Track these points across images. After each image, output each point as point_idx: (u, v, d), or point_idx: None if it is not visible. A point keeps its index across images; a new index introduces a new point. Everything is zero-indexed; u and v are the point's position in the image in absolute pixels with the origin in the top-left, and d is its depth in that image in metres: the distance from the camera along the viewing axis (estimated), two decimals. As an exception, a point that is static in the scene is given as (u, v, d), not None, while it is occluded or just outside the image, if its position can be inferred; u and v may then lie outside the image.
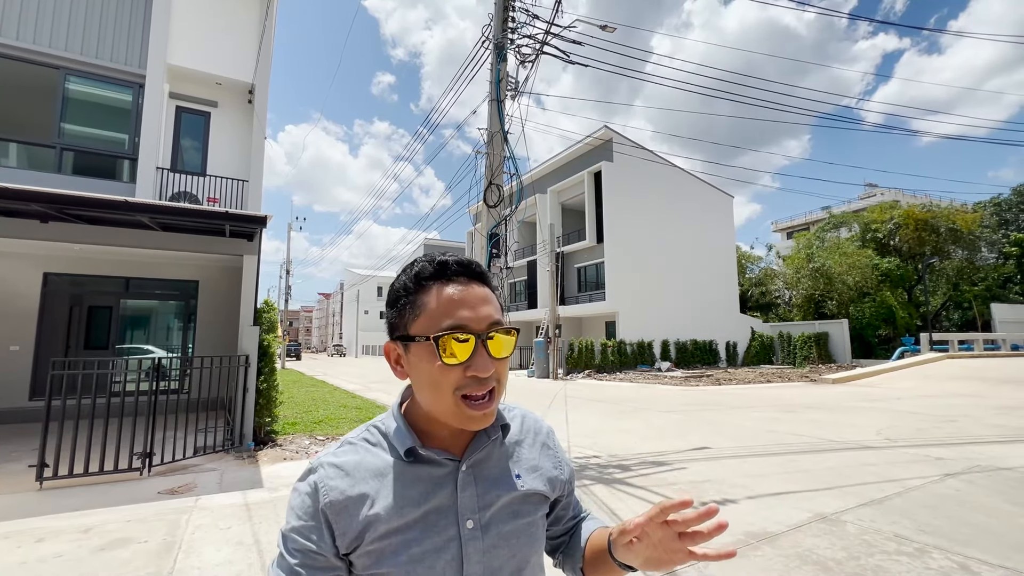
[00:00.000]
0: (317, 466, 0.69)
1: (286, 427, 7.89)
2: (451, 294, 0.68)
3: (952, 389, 13.65)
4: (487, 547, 0.69)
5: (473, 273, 0.71)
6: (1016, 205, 36.16)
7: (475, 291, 0.69)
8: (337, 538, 0.65)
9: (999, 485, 4.76)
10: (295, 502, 0.68)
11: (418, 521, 0.66)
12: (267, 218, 6.44)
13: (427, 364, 0.66)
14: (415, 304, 0.69)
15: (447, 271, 0.69)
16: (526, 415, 0.86)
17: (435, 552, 0.66)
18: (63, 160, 8.16)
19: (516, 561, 0.71)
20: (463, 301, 0.68)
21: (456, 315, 0.66)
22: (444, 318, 0.66)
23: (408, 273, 0.71)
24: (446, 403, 0.66)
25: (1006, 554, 3.24)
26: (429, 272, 0.69)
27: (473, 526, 0.68)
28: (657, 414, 9.86)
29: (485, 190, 6.57)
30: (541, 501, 0.77)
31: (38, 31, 8.07)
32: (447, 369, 0.65)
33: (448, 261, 0.70)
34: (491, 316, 0.69)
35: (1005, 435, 7.32)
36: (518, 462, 0.77)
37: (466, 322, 0.66)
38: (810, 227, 45.09)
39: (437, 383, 0.66)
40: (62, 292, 8.78)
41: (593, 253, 26.57)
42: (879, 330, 30.12)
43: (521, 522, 0.73)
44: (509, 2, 6.88)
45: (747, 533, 3.65)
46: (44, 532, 3.63)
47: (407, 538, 0.65)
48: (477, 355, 0.66)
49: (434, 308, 0.67)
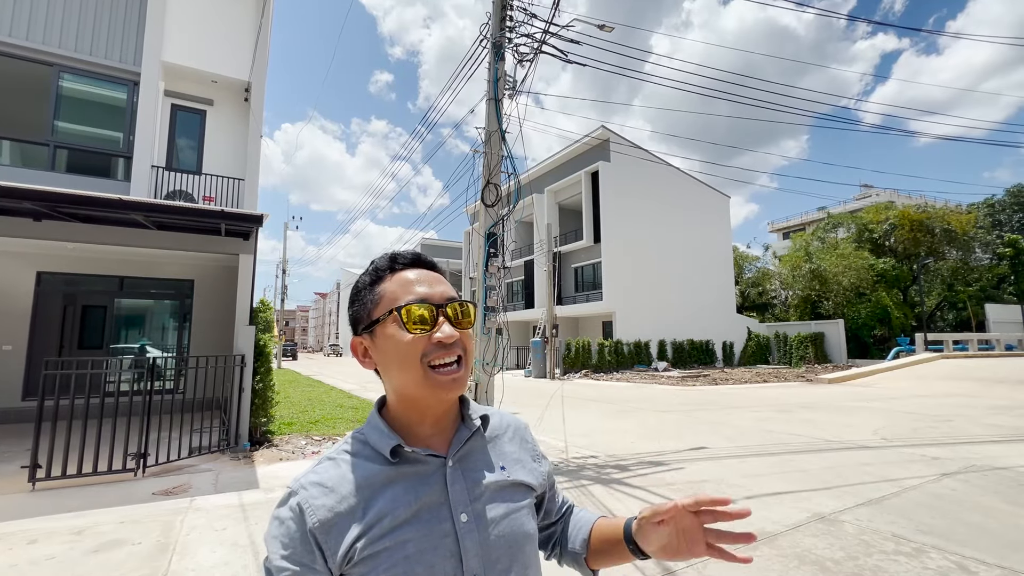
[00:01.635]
0: (297, 488, 0.67)
1: (282, 427, 7.85)
2: (407, 276, 0.73)
3: (947, 389, 13.73)
4: (483, 539, 0.69)
5: (425, 262, 0.77)
6: (1010, 206, 36.41)
7: (428, 273, 0.75)
8: (329, 559, 0.63)
9: (995, 485, 4.78)
10: (278, 530, 0.65)
11: (411, 520, 0.66)
12: (263, 217, 6.39)
13: (393, 341, 0.69)
14: (374, 293, 0.73)
15: (399, 261, 0.75)
16: (502, 413, 0.87)
17: (432, 549, 0.65)
18: (57, 158, 8.09)
19: (513, 551, 0.71)
20: (419, 280, 0.73)
21: (415, 291, 0.71)
22: (405, 295, 0.71)
23: (367, 272, 0.76)
24: (415, 374, 0.68)
25: (1003, 553, 3.24)
26: (385, 264, 0.75)
27: (467, 519, 0.68)
28: (654, 414, 9.86)
29: (483, 189, 6.55)
30: (527, 492, 0.79)
31: (31, 28, 7.99)
32: (413, 340, 0.68)
33: (399, 252, 0.76)
34: (447, 292, 0.73)
35: (1000, 435, 7.36)
36: (501, 455, 0.79)
37: (425, 295, 0.71)
38: (806, 228, 45.28)
39: (405, 355, 0.68)
40: (55, 291, 8.71)
41: (590, 253, 26.59)
42: (875, 330, 30.27)
43: (513, 513, 0.74)
44: (507, 1, 6.86)
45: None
46: (36, 534, 3.59)
47: (402, 538, 0.65)
48: (438, 323, 0.70)
49: (394, 289, 0.72)
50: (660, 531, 0.72)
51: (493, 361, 6.25)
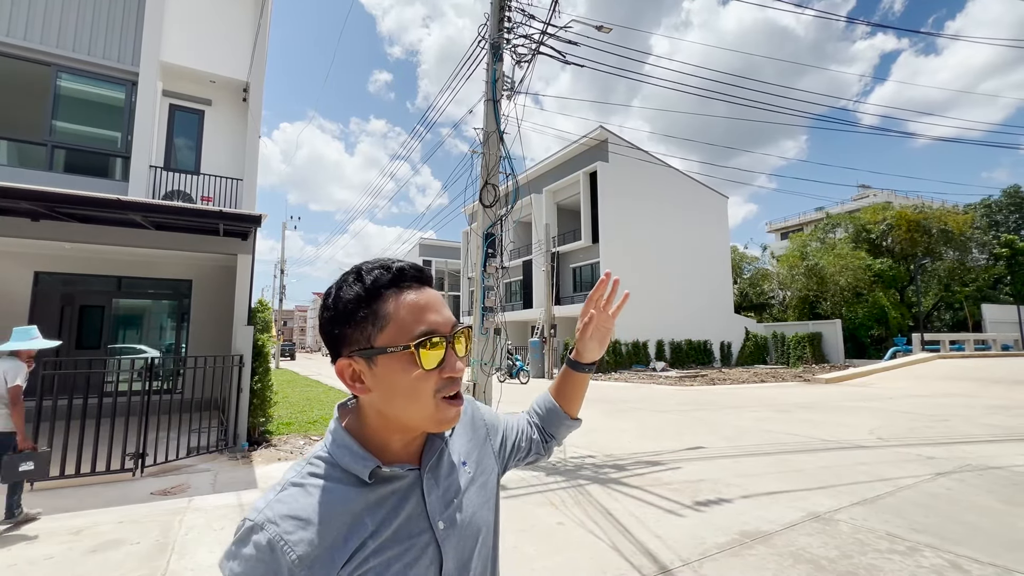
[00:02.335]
0: (263, 522, 0.59)
1: (280, 427, 7.85)
2: (415, 300, 0.67)
3: (943, 389, 13.78)
4: (458, 540, 0.71)
5: (426, 278, 0.71)
6: (1006, 207, 36.55)
7: (433, 295, 0.70)
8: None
9: (990, 484, 4.81)
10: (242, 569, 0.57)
11: (393, 538, 0.65)
12: (261, 217, 6.40)
13: (402, 375, 0.64)
14: (376, 315, 0.65)
15: (405, 277, 0.68)
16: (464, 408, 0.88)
17: (415, 561, 0.66)
18: (55, 158, 8.08)
19: (483, 548, 0.75)
20: (429, 306, 0.67)
21: (428, 320, 0.66)
22: (417, 324, 0.65)
23: (360, 284, 0.67)
24: (426, 409, 0.66)
25: (997, 552, 3.27)
26: (386, 280, 0.67)
27: (445, 526, 0.70)
28: (652, 414, 9.88)
29: (481, 190, 6.56)
30: (491, 474, 0.83)
31: (29, 27, 7.98)
32: (426, 375, 0.65)
33: (405, 267, 0.69)
34: (452, 318, 0.70)
35: (996, 434, 7.40)
36: (459, 449, 0.80)
37: (437, 327, 0.66)
38: (804, 228, 45.38)
39: (416, 391, 0.65)
40: (53, 291, 8.69)
41: (588, 253, 26.62)
42: (872, 330, 30.35)
43: (480, 507, 0.77)
44: (505, 2, 6.87)
45: (741, 532, 3.67)
46: (34, 533, 3.60)
47: (386, 558, 0.64)
48: (449, 356, 0.67)
49: (404, 316, 0.65)
50: (588, 341, 0.95)
51: (491, 361, 6.26)
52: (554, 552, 3.41)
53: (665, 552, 3.35)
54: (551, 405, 1.00)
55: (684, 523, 3.89)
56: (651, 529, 3.76)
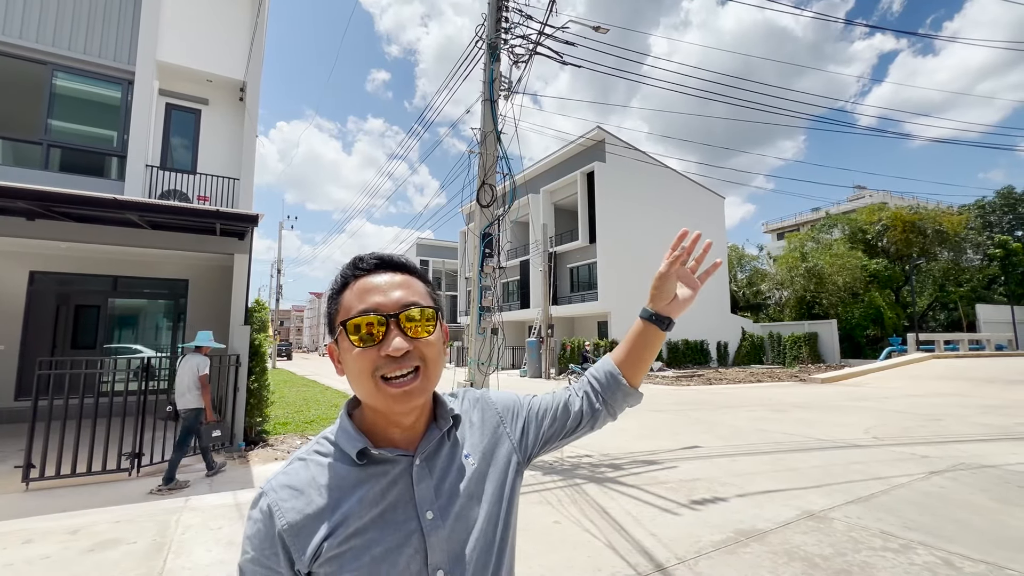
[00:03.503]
0: (268, 490, 0.68)
1: (277, 427, 7.85)
2: (364, 283, 0.71)
3: (938, 389, 13.86)
4: (451, 534, 0.69)
5: (392, 264, 0.74)
6: (1000, 207, 36.78)
7: (390, 278, 0.72)
8: (296, 560, 0.65)
9: (983, 482, 4.85)
10: (250, 531, 0.67)
11: (376, 521, 0.67)
12: (258, 217, 6.39)
13: (347, 354, 0.69)
14: (339, 301, 0.72)
15: (360, 266, 0.73)
16: (464, 394, 0.86)
17: (397, 548, 0.66)
18: (50, 157, 8.05)
19: (483, 542, 0.72)
20: (376, 288, 0.71)
21: (367, 300, 0.69)
22: (358, 304, 0.69)
23: (338, 277, 0.75)
24: (368, 387, 0.68)
25: (989, 550, 3.30)
26: (348, 270, 0.74)
27: (433, 516, 0.69)
28: (648, 413, 9.91)
29: (478, 190, 6.57)
30: (505, 465, 0.79)
31: (25, 26, 7.94)
32: (362, 353, 0.68)
33: (363, 257, 0.74)
34: (404, 298, 0.70)
35: (989, 434, 7.45)
36: (466, 442, 0.78)
37: (375, 306, 0.69)
38: (800, 228, 45.55)
39: (357, 369, 0.68)
40: (48, 291, 8.66)
41: (586, 253, 26.66)
42: (868, 330, 30.50)
43: (484, 504, 0.74)
44: (503, 2, 6.89)
45: (737, 530, 3.69)
46: (31, 533, 3.59)
47: (367, 539, 0.65)
48: (389, 335, 0.68)
49: (349, 299, 0.71)
50: (667, 291, 0.92)
51: (488, 361, 6.28)
52: (550, 550, 3.43)
53: (661, 550, 3.37)
54: (612, 370, 0.91)
55: (680, 522, 3.91)
56: (647, 528, 3.78)
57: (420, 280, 0.75)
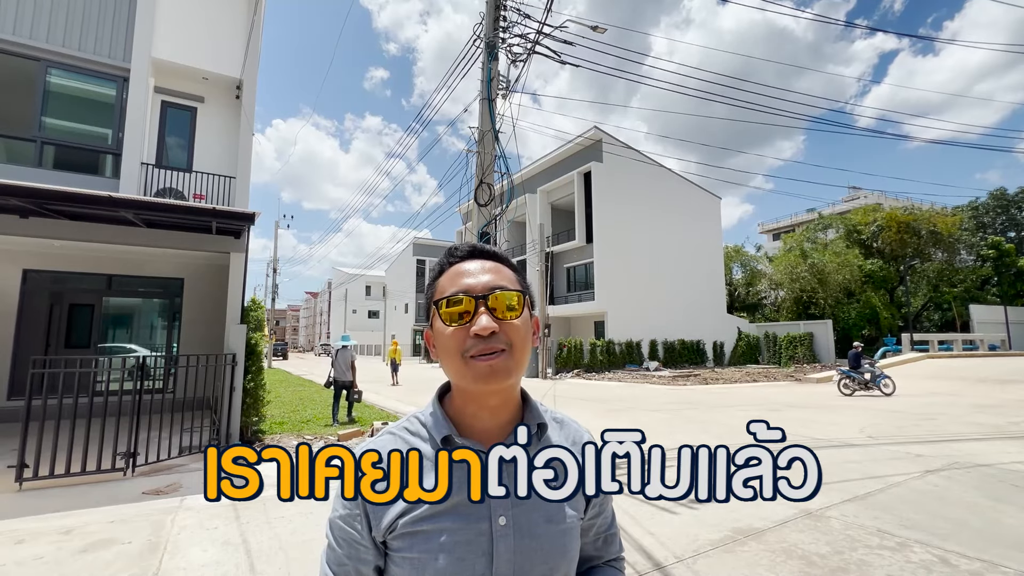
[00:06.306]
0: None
1: (273, 427, 7.81)
2: (458, 269, 0.76)
3: (932, 388, 13.95)
4: (518, 547, 0.68)
5: (484, 252, 0.79)
6: (993, 209, 37.07)
7: (481, 264, 0.76)
8: (373, 527, 0.69)
9: (977, 481, 4.88)
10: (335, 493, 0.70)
11: (450, 511, 0.68)
12: (254, 215, 6.35)
13: (440, 335, 0.73)
14: (435, 287, 0.77)
15: (456, 253, 0.78)
16: (566, 422, 0.84)
17: (466, 544, 0.67)
18: (43, 154, 7.97)
19: (547, 568, 0.70)
20: (467, 272, 0.75)
21: (459, 283, 0.73)
22: (450, 287, 0.74)
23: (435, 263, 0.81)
24: (457, 364, 0.71)
25: (984, 547, 3.32)
26: (445, 259, 0.79)
27: (505, 523, 0.69)
28: (645, 413, 9.93)
29: (476, 189, 6.56)
30: (575, 508, 0.76)
31: (18, 22, 7.87)
32: (453, 333, 0.71)
33: (457, 246, 0.79)
34: (492, 282, 0.73)
35: (983, 432, 7.50)
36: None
37: (466, 288, 0.72)
38: (795, 229, 45.77)
39: (447, 348, 0.71)
40: (42, 289, 8.58)
41: (582, 253, 26.68)
42: (863, 330, 30.68)
43: (555, 528, 0.72)
44: (501, 1, 6.88)
45: (734, 529, 3.70)
46: (24, 534, 3.55)
47: (440, 526, 0.67)
48: (477, 315, 0.71)
49: (443, 283, 0.76)
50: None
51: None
52: (549, 550, 3.42)
53: (659, 549, 3.37)
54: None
55: (677, 521, 3.92)
56: (645, 527, 3.78)
57: (509, 268, 0.79)
